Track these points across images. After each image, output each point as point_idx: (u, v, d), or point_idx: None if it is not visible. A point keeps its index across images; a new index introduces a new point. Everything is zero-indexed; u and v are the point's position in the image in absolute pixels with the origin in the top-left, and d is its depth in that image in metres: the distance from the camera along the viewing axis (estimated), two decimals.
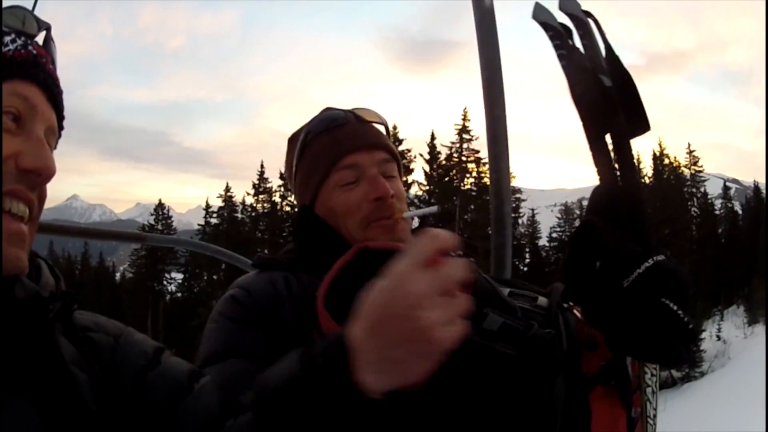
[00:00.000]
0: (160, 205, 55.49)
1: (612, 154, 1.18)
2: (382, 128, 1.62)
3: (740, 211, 78.25)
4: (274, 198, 47.40)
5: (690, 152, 61.33)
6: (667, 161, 58.07)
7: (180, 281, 54.21)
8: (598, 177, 1.18)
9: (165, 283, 55.06)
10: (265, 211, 45.36)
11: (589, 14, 1.23)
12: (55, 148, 1.04)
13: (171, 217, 56.17)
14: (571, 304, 1.36)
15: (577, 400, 1.22)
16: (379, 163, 1.51)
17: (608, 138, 1.21)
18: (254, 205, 46.47)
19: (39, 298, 0.94)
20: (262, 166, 47.98)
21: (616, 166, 1.18)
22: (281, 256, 1.57)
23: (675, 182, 58.52)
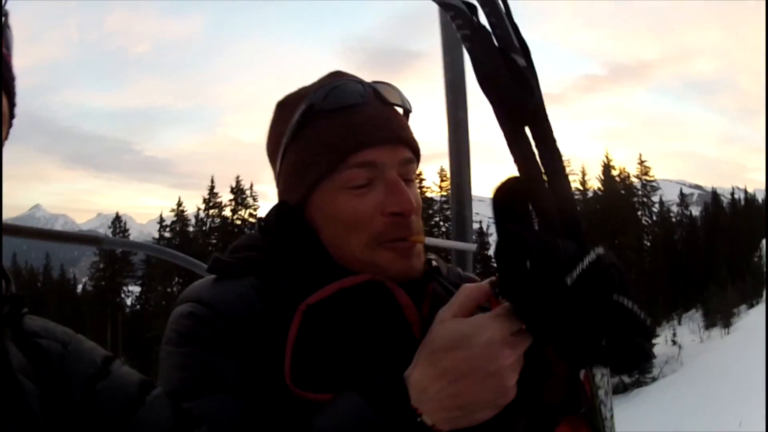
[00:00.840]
0: (117, 219, 55.58)
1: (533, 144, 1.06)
2: (400, 110, 1.28)
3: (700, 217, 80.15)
4: (224, 212, 47.45)
5: (641, 162, 62.85)
6: (615, 172, 59.05)
7: (137, 294, 54.20)
8: (519, 171, 1.05)
9: (123, 296, 54.97)
10: (215, 225, 45.26)
11: None
12: (6, 137, 0.97)
13: (128, 230, 56.07)
14: None
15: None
16: (401, 163, 1.20)
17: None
18: (204, 219, 46.35)
19: None
20: (212, 181, 48.36)
21: (538, 156, 1.06)
22: (243, 257, 1.25)
23: (625, 193, 59.42)
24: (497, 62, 1.03)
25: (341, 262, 1.18)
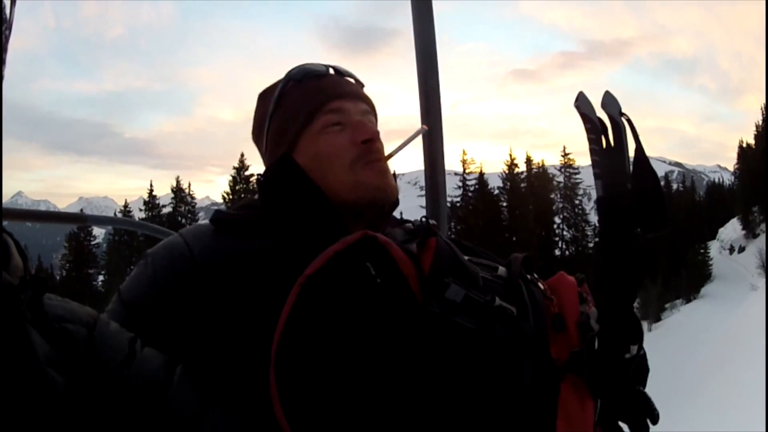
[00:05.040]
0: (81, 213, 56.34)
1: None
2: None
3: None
4: (163, 211, 48.97)
5: (565, 154, 63.15)
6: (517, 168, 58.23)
7: (100, 284, 54.83)
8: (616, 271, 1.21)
9: (93, 284, 55.65)
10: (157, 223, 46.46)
11: (626, 116, 1.26)
12: None
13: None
14: (535, 276, 1.25)
15: (545, 387, 1.09)
16: (362, 113, 1.42)
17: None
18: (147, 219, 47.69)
19: (11, 288, 0.83)
20: (151, 185, 50.05)
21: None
22: (242, 214, 1.36)
23: (537, 185, 59.15)
24: (615, 187, 1.20)
25: (330, 193, 1.33)
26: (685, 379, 23.60)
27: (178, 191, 48.36)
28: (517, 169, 56.00)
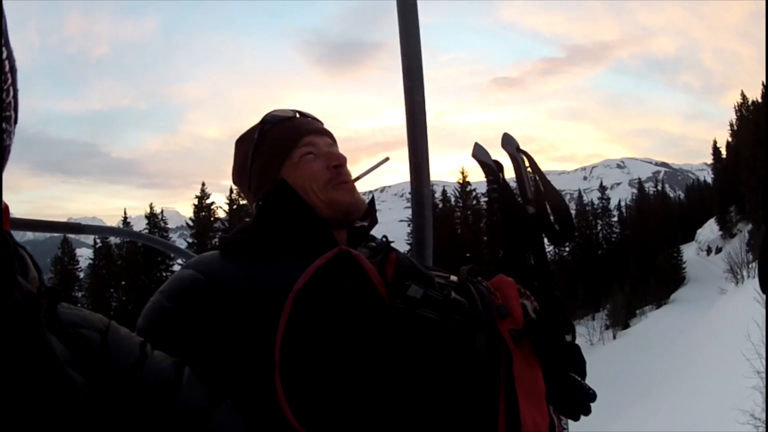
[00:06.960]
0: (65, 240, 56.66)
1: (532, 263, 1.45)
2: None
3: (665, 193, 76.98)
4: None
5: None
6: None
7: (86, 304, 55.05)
8: (521, 278, 1.43)
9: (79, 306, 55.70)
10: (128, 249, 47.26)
11: (523, 152, 1.47)
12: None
13: (74, 249, 56.81)
14: (479, 278, 1.47)
15: (498, 353, 1.27)
16: (328, 145, 1.64)
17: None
18: (122, 244, 48.49)
19: (31, 296, 0.89)
20: (125, 213, 51.03)
21: (534, 264, 1.46)
22: (241, 238, 1.53)
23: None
24: (515, 214, 1.45)
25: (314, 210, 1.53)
26: (640, 386, 24.12)
27: (151, 217, 49.13)
28: (469, 186, 55.49)
